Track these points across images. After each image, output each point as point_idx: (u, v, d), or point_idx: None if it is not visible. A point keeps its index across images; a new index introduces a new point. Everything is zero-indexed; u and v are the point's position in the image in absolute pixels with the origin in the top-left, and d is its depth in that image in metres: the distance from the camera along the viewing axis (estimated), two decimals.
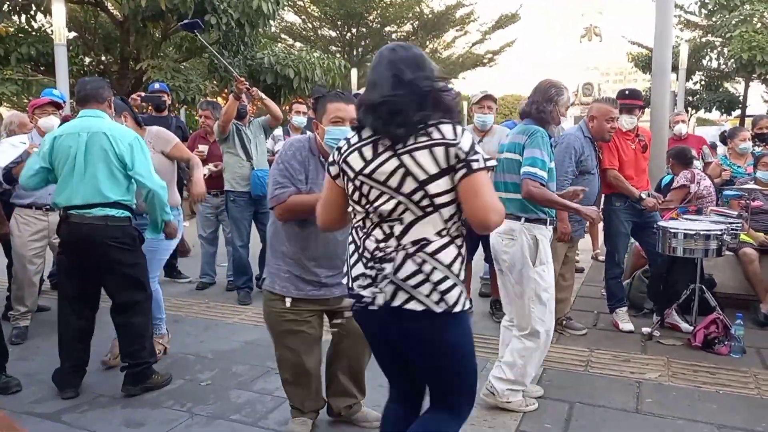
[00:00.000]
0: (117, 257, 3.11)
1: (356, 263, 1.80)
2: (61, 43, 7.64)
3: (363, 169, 1.75)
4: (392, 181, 1.71)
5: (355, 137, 1.81)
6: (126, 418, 2.92)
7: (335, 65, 12.74)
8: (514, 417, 2.91)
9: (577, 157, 3.86)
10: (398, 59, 1.75)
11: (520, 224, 2.96)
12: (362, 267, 1.78)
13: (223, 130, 4.82)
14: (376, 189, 1.73)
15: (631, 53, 21.55)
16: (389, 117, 1.69)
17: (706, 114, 23.11)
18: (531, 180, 2.91)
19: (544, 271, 2.95)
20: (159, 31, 11.54)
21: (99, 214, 3.05)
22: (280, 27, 20.81)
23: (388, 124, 1.70)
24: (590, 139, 3.97)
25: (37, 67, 10.83)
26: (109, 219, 3.06)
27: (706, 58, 19.23)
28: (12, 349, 3.85)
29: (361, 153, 1.76)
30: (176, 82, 10.20)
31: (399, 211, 1.71)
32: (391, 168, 1.70)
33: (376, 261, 1.73)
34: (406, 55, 1.76)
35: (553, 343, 3.94)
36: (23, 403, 3.08)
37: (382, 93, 1.72)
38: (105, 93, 3.23)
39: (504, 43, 24.47)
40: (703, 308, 4.03)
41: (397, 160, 1.70)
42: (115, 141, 3.05)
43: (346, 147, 1.81)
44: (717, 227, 3.90)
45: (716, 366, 3.55)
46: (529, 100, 3.13)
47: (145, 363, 3.21)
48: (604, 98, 4.17)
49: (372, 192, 1.74)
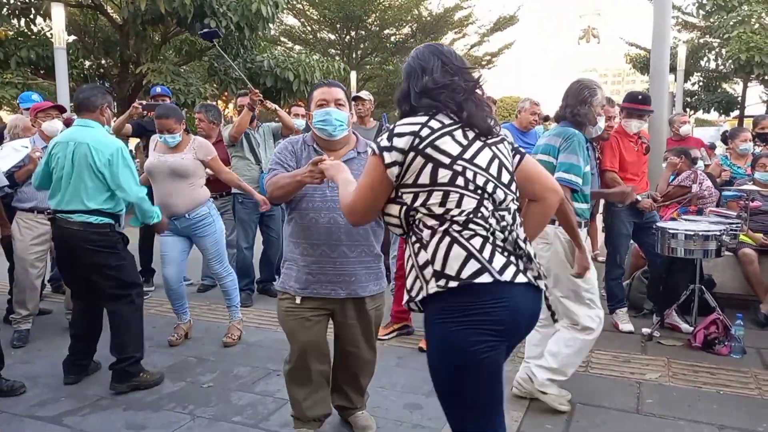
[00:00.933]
0: (97, 260, 3.26)
1: (494, 253, 1.61)
2: (61, 46, 7.66)
3: (462, 153, 1.65)
4: (492, 169, 1.67)
5: (436, 122, 1.67)
6: (127, 420, 2.93)
7: (335, 68, 12.77)
8: (514, 418, 2.91)
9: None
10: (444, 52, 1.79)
11: (554, 228, 2.90)
12: (502, 256, 1.62)
13: (233, 139, 4.91)
14: (482, 175, 1.65)
15: (629, 54, 21.59)
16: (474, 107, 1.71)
17: (705, 115, 23.16)
18: (566, 188, 2.82)
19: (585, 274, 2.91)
20: (159, 35, 11.56)
21: (78, 219, 3.21)
22: (280, 30, 20.82)
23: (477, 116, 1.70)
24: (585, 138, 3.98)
25: (37, 71, 10.84)
26: (87, 225, 3.21)
27: (704, 59, 19.28)
28: (14, 352, 3.88)
29: (454, 137, 1.66)
30: (176, 85, 10.22)
31: (507, 201, 1.69)
32: (488, 157, 1.68)
33: (514, 246, 1.65)
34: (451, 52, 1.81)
35: None
36: (25, 406, 3.08)
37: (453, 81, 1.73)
38: (97, 101, 3.32)
39: (502, 45, 24.48)
40: (703, 309, 4.04)
41: (491, 151, 1.70)
42: (96, 153, 3.18)
43: (428, 131, 1.64)
44: (716, 228, 3.91)
45: (716, 366, 3.56)
46: (563, 104, 3.08)
47: (131, 358, 3.27)
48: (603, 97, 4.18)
49: (479, 177, 1.64)
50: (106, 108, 3.37)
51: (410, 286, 1.70)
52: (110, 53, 11.71)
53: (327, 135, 2.43)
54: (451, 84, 1.71)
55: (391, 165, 1.65)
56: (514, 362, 3.34)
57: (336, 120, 2.41)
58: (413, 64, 1.78)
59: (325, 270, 2.42)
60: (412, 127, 1.66)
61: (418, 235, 1.66)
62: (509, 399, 3.12)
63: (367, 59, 21.93)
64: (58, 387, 3.32)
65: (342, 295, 2.45)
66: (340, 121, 2.42)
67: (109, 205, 3.26)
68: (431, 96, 1.71)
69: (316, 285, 2.44)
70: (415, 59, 1.78)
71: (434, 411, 2.97)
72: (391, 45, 22.01)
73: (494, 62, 24.57)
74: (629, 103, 4.21)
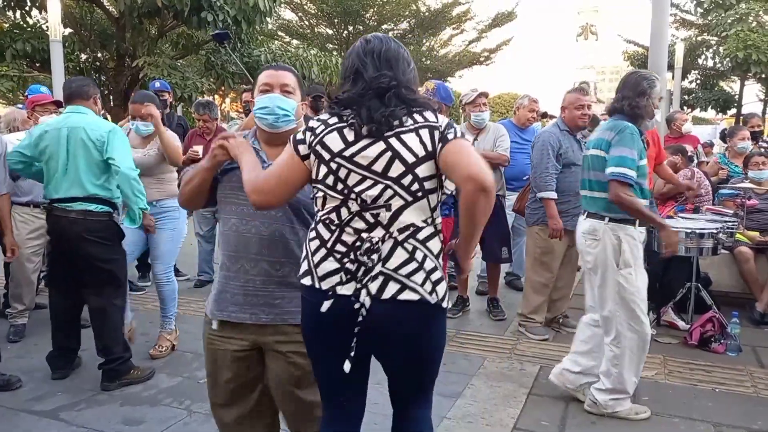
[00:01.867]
0: (93, 251, 3.21)
1: (324, 259, 1.64)
2: (57, 39, 7.59)
3: (342, 151, 1.63)
4: (378, 165, 1.61)
5: (334, 118, 1.67)
6: (124, 415, 2.92)
7: (332, 63, 12.72)
8: (511, 415, 2.92)
9: (556, 152, 3.90)
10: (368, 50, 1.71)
11: (604, 224, 2.87)
12: (335, 262, 1.63)
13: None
14: (357, 173, 1.62)
15: (627, 52, 21.60)
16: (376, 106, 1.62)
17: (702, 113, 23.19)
18: (620, 183, 2.75)
19: (630, 274, 2.83)
20: (155, 28, 11.49)
21: (79, 208, 3.17)
22: (277, 24, 20.76)
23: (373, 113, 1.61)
24: (568, 131, 3.99)
25: (33, 64, 10.76)
26: (88, 213, 3.18)
27: (702, 56, 19.31)
28: (10, 346, 3.87)
29: (341, 134, 1.64)
30: (173, 79, 10.15)
31: (386, 196, 1.60)
32: (377, 151, 1.61)
33: (359, 253, 1.60)
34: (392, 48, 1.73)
35: (549, 341, 3.98)
36: (21, 400, 3.07)
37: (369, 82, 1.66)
38: (90, 90, 3.33)
39: (501, 41, 24.47)
40: (699, 307, 4.06)
41: (384, 144, 1.61)
42: (92, 132, 3.16)
43: (323, 127, 1.66)
44: (712, 226, 3.92)
45: (712, 364, 3.58)
46: (619, 96, 2.98)
47: (120, 358, 3.27)
48: (574, 88, 4.19)
49: (351, 176, 1.62)
50: (97, 98, 3.36)
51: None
52: (106, 46, 11.64)
53: (268, 126, 1.96)
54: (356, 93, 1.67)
55: (304, 158, 1.68)
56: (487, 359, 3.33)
57: (279, 108, 1.93)
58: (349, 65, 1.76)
59: (243, 289, 1.91)
60: (313, 123, 1.70)
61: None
62: (505, 395, 3.13)
63: None
64: (54, 381, 3.32)
65: (263, 320, 1.91)
66: (284, 110, 1.94)
67: (107, 191, 3.22)
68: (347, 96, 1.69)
69: (234, 307, 1.92)
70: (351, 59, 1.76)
71: None
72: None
73: (492, 58, 24.57)
74: None
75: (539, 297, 4.07)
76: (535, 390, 3.23)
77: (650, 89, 2.92)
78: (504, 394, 3.16)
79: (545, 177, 3.87)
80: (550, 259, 4.02)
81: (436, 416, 2.87)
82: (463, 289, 4.64)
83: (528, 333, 4.06)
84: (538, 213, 3.99)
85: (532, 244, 4.10)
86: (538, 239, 4.02)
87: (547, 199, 3.87)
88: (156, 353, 3.71)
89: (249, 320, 1.92)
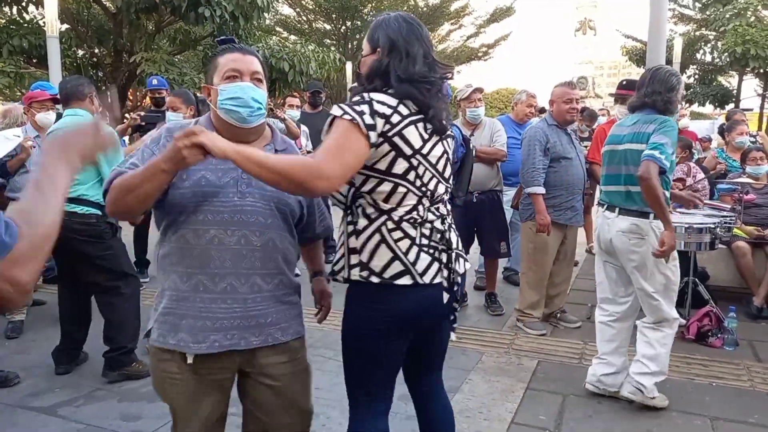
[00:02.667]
0: (83, 249, 3.25)
1: (418, 256, 1.66)
2: (54, 35, 7.57)
3: (421, 148, 1.64)
4: (439, 165, 1.71)
5: (404, 108, 1.62)
6: (122, 411, 2.93)
7: (330, 58, 12.72)
8: (509, 409, 2.93)
9: (543, 146, 3.90)
10: (426, 37, 1.73)
11: (648, 222, 2.86)
12: (428, 256, 1.67)
13: None
14: (430, 172, 1.68)
15: (625, 47, 21.61)
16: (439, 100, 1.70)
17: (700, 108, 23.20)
18: (654, 164, 2.70)
19: (675, 266, 2.91)
20: (152, 24, 11.47)
21: (66, 209, 3.12)
22: (275, 20, 20.72)
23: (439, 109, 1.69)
24: (556, 125, 3.99)
25: (30, 60, 10.74)
26: (73, 215, 3.18)
27: (700, 51, 19.34)
28: (8, 343, 3.88)
29: (418, 129, 1.64)
30: (170, 74, 10.14)
31: (441, 192, 1.74)
32: (440, 152, 1.70)
33: (439, 242, 1.70)
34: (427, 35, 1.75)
35: (547, 336, 3.99)
36: (19, 396, 3.08)
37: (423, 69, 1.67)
38: (85, 90, 3.35)
39: (499, 36, 24.51)
40: (697, 301, 4.06)
41: (442, 146, 1.72)
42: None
43: (398, 117, 1.60)
44: (710, 221, 3.93)
45: (709, 358, 3.59)
46: (647, 90, 2.93)
47: (123, 348, 3.29)
48: (562, 82, 4.19)
49: (426, 174, 1.66)
50: (93, 97, 3.37)
51: (336, 261, 1.74)
52: (103, 42, 11.61)
53: (238, 120, 1.63)
54: (429, 78, 1.67)
55: (374, 145, 1.58)
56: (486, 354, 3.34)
57: (253, 100, 1.63)
58: (397, 41, 1.66)
59: (231, 311, 1.62)
60: (381, 108, 1.59)
61: (355, 220, 1.69)
62: (503, 390, 3.14)
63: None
64: (52, 377, 3.32)
65: (254, 343, 1.66)
66: (258, 103, 1.64)
67: (95, 193, 3.23)
68: (413, 84, 1.64)
69: (218, 335, 1.61)
70: (398, 36, 1.67)
71: None
72: None
73: (490, 54, 24.58)
74: (617, 90, 4.22)
75: (535, 292, 4.08)
76: (533, 385, 3.23)
77: (678, 85, 2.94)
78: (502, 388, 3.17)
79: (532, 172, 3.87)
80: (543, 254, 4.02)
81: None
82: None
83: (525, 328, 4.06)
84: (531, 208, 3.99)
85: (526, 239, 4.10)
86: (530, 234, 4.02)
87: (534, 194, 3.88)
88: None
89: (239, 346, 1.64)
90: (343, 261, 1.71)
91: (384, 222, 1.65)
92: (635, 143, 2.88)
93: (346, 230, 1.72)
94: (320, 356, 3.48)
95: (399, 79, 1.63)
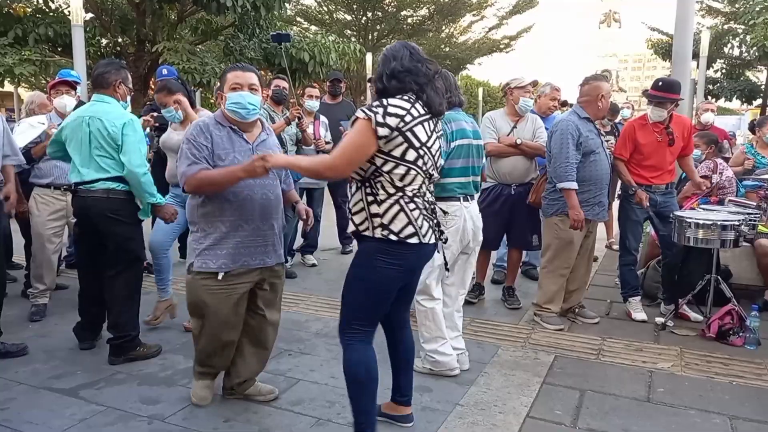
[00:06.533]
0: (113, 229, 3.31)
1: (423, 222, 2.26)
2: (78, 24, 7.65)
3: (426, 141, 2.23)
4: (436, 153, 2.33)
5: (416, 111, 2.21)
6: (142, 395, 2.98)
7: (350, 49, 12.68)
8: (524, 403, 2.92)
9: (576, 140, 3.84)
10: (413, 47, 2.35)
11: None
12: (426, 222, 2.27)
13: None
14: (430, 159, 2.27)
15: (651, 40, 21.19)
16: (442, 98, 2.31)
17: (726, 103, 22.69)
18: None
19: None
20: (175, 13, 11.54)
21: (101, 187, 3.27)
22: (296, 10, 20.69)
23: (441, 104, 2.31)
24: (587, 119, 3.94)
25: (55, 48, 10.88)
26: (110, 192, 3.27)
27: (728, 45, 18.87)
28: (31, 326, 3.96)
29: (424, 127, 2.23)
30: (192, 64, 10.20)
31: (435, 178, 2.36)
32: (437, 146, 2.33)
33: (433, 213, 2.34)
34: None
35: (565, 331, 3.96)
36: (42, 378, 3.14)
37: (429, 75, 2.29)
38: (111, 78, 3.35)
39: (521, 28, 24.15)
40: (718, 299, 4.00)
41: (437, 142, 2.32)
42: (109, 124, 3.22)
43: (410, 117, 2.17)
44: (735, 218, 3.85)
45: (730, 357, 3.53)
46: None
47: (127, 335, 3.35)
48: (593, 76, 4.12)
49: (429, 161, 2.26)
50: (120, 84, 3.37)
51: (359, 222, 2.27)
52: (127, 31, 11.71)
53: (240, 117, 2.60)
54: (414, 69, 2.23)
55: (382, 138, 2.13)
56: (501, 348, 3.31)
57: (249, 104, 2.59)
58: (387, 53, 2.30)
59: (256, 242, 2.62)
60: (400, 111, 2.15)
61: (375, 192, 2.23)
62: (518, 384, 3.13)
63: (384, 41, 21.72)
64: (73, 360, 3.39)
65: (270, 263, 2.69)
66: (253, 105, 2.60)
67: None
68: (398, 78, 2.22)
69: (247, 258, 2.61)
70: (389, 50, 2.30)
71: (444, 394, 2.99)
72: (408, 27, 21.80)
73: (512, 46, 24.28)
74: (651, 90, 4.12)
75: (555, 287, 4.04)
76: (549, 379, 3.22)
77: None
78: (517, 382, 3.16)
79: (566, 167, 3.81)
80: (568, 249, 3.99)
81: (449, 402, 2.89)
82: (482, 276, 4.63)
83: (543, 323, 4.04)
84: (558, 203, 3.94)
85: (551, 234, 4.05)
86: (557, 229, 3.98)
87: (567, 190, 3.82)
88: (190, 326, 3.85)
89: (260, 265, 2.65)
90: (367, 223, 2.25)
91: (402, 196, 2.22)
92: None
93: (365, 199, 2.25)
94: (337, 345, 3.50)
95: (387, 77, 2.23)
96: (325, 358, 3.42)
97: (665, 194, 4.17)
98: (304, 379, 3.12)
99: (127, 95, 3.47)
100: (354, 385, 2.33)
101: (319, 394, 2.97)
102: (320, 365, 3.33)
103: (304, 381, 3.09)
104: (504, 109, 4.57)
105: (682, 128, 4.18)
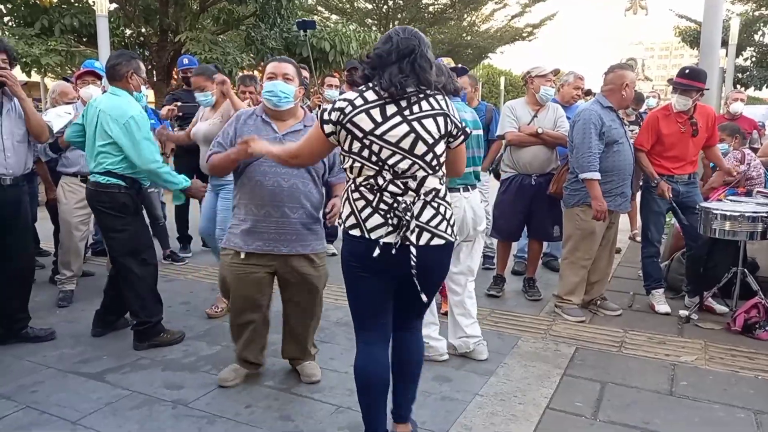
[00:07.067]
0: (105, 222, 3.41)
1: (371, 215, 2.06)
2: (103, 14, 7.75)
3: (374, 129, 2.01)
4: (404, 143, 2.01)
5: (360, 100, 2.03)
6: (165, 380, 3.03)
7: (371, 38, 12.61)
8: (544, 395, 2.91)
9: (599, 130, 3.78)
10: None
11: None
12: (380, 218, 2.04)
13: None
14: (387, 149, 2.01)
15: (679, 27, 20.71)
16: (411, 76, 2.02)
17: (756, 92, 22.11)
18: None
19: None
20: (197, 3, 11.60)
21: (92, 180, 3.37)
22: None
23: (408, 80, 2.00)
24: (610, 108, 3.88)
25: (80, 39, 11.02)
26: (98, 185, 3.33)
27: (759, 32, 18.35)
28: (59, 311, 4.06)
29: (370, 114, 2.01)
30: (214, 54, 10.26)
31: (413, 170, 2.04)
32: (403, 132, 2.01)
33: (398, 211, 2.02)
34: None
35: (586, 323, 3.93)
36: (70, 363, 3.22)
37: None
38: (122, 69, 3.36)
39: (545, 16, 23.76)
40: (745, 292, 3.92)
41: (408, 126, 2.01)
42: (110, 119, 3.25)
43: (351, 108, 2.02)
44: (763, 209, 3.77)
45: (756, 351, 3.47)
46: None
47: (147, 322, 3.41)
48: (619, 64, 4.04)
49: (383, 151, 2.02)
50: (132, 75, 3.37)
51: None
52: (150, 21, 11.80)
53: (273, 105, 2.73)
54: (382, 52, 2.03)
55: (329, 134, 2.09)
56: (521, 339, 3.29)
57: (281, 92, 2.69)
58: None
59: (268, 228, 2.70)
60: (343, 104, 2.04)
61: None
62: (539, 375, 3.12)
63: None
64: (100, 345, 3.46)
65: (283, 251, 2.73)
66: (285, 94, 2.70)
67: (120, 167, 3.30)
68: (362, 63, 2.14)
69: (260, 242, 2.72)
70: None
71: (464, 384, 3.00)
72: (429, 15, 21.60)
73: (535, 34, 23.91)
74: (676, 78, 4.04)
75: (576, 278, 4.01)
76: (570, 371, 3.20)
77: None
78: (538, 374, 3.15)
79: (588, 157, 3.76)
80: (590, 240, 3.94)
81: (469, 392, 2.89)
82: (502, 267, 4.61)
83: (564, 314, 4.01)
84: (579, 194, 3.90)
85: (572, 225, 4.01)
86: (578, 220, 3.93)
87: (590, 180, 3.78)
88: (212, 313, 3.99)
89: (272, 251, 2.72)
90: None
91: (350, 185, 2.13)
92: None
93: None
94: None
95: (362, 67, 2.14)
96: (345, 346, 3.45)
97: (688, 184, 4.10)
98: (325, 367, 3.14)
99: (141, 85, 3.50)
100: (357, 388, 2.26)
101: (339, 382, 3.00)
102: (340, 354, 3.35)
103: (324, 369, 3.11)
104: (525, 98, 4.51)
105: (706, 118, 4.08)
